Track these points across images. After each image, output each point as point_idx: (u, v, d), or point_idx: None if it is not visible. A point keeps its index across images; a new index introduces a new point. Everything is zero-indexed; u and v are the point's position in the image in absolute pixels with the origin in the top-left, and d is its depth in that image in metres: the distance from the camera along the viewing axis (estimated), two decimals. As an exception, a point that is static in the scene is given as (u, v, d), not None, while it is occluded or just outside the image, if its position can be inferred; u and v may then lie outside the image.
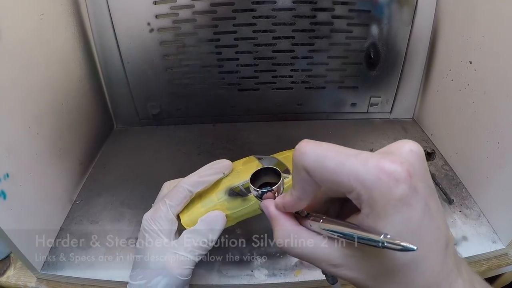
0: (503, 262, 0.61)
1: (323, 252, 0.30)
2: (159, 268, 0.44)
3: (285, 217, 0.34)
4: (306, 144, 0.29)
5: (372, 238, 0.25)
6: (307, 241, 0.31)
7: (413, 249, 0.23)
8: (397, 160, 0.25)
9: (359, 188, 0.26)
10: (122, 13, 0.77)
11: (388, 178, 0.25)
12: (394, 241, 0.23)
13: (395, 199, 0.25)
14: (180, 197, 0.48)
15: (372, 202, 0.25)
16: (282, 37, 0.80)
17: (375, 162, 0.25)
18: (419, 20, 0.79)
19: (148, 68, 0.84)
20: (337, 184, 0.27)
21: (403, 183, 0.25)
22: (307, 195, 0.31)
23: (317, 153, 0.28)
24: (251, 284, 0.57)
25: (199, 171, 0.51)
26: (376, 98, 0.90)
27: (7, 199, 0.51)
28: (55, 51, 0.68)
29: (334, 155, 0.27)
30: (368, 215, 0.26)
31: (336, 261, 0.29)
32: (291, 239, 0.32)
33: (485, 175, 0.65)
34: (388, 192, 0.25)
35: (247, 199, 0.51)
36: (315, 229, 0.31)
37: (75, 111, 0.74)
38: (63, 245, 0.63)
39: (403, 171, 0.25)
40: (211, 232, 0.48)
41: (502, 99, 0.59)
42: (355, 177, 0.26)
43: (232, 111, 0.92)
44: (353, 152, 0.27)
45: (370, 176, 0.25)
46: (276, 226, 0.34)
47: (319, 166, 0.27)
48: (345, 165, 0.26)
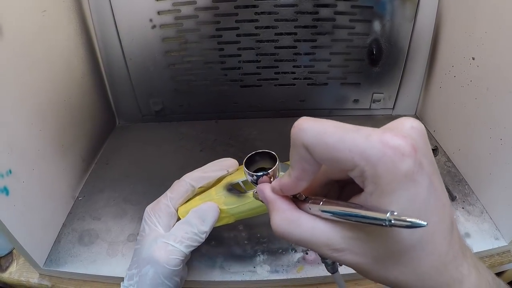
0: (506, 259, 0.61)
1: (324, 236, 0.28)
2: (148, 257, 0.45)
3: (282, 200, 0.32)
4: (304, 120, 0.27)
5: (378, 217, 0.23)
6: (306, 225, 0.29)
7: (423, 224, 0.21)
8: (400, 135, 0.24)
9: (362, 164, 0.24)
10: (124, 10, 0.77)
11: (394, 152, 0.23)
12: (402, 217, 0.22)
13: (401, 174, 0.23)
14: (181, 190, 0.49)
15: (377, 179, 0.24)
16: (284, 33, 0.80)
17: (379, 136, 0.24)
18: (421, 16, 0.79)
19: (150, 65, 0.84)
20: (339, 161, 0.25)
21: (408, 157, 0.23)
22: (307, 176, 0.29)
23: (317, 129, 0.26)
24: (253, 280, 0.57)
25: (203, 167, 0.52)
26: (378, 94, 0.90)
27: (9, 195, 0.51)
28: (58, 48, 0.68)
29: (335, 131, 0.25)
30: (372, 193, 0.25)
31: (338, 245, 0.27)
32: (289, 223, 0.30)
33: (488, 171, 0.65)
34: (393, 167, 0.23)
35: (245, 196, 0.50)
36: (315, 212, 0.29)
37: (78, 108, 0.74)
38: (65, 241, 0.63)
39: (407, 145, 0.23)
40: (202, 223, 0.47)
41: (505, 95, 0.59)
42: (358, 153, 0.24)
43: (235, 107, 0.92)
44: (354, 127, 0.25)
45: (375, 151, 0.23)
46: (273, 210, 0.32)
47: (319, 143, 0.26)
48: (346, 140, 0.24)
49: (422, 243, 0.25)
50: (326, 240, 0.28)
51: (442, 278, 0.27)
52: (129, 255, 0.60)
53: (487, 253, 0.61)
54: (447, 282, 0.27)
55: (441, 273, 0.27)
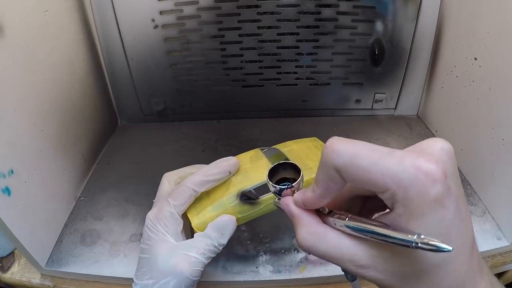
0: (508, 259, 0.61)
1: (349, 252, 0.29)
2: (169, 268, 0.44)
3: (308, 215, 0.32)
4: (337, 141, 0.27)
5: (405, 239, 0.24)
6: (332, 241, 0.29)
7: (449, 249, 0.22)
8: (433, 159, 0.24)
9: (394, 188, 0.25)
10: (126, 10, 0.77)
11: (426, 177, 0.24)
12: (429, 241, 0.22)
13: (431, 199, 0.24)
14: (184, 196, 0.48)
15: (407, 202, 0.25)
16: (286, 34, 0.80)
17: (412, 161, 0.24)
18: (423, 16, 0.79)
19: (152, 65, 0.84)
20: (371, 183, 0.26)
21: (439, 183, 0.24)
22: (331, 194, 0.29)
23: (350, 152, 0.26)
24: (256, 281, 0.57)
25: (204, 170, 0.50)
26: (380, 94, 0.90)
27: (11, 196, 0.51)
28: (59, 48, 0.68)
29: (368, 154, 0.26)
30: (401, 215, 0.25)
31: (363, 262, 0.28)
32: (315, 238, 0.30)
33: (490, 171, 0.65)
34: (424, 192, 0.24)
35: (258, 202, 0.50)
36: (340, 228, 0.30)
37: (80, 108, 0.74)
38: (67, 241, 0.63)
39: (439, 171, 0.24)
40: (221, 236, 0.47)
41: (508, 95, 0.59)
42: (391, 177, 0.25)
43: (237, 107, 0.92)
44: (387, 150, 0.26)
45: (407, 175, 0.24)
46: (299, 224, 0.32)
47: (352, 165, 0.26)
48: (380, 164, 0.25)
49: (445, 263, 0.26)
50: (351, 257, 0.28)
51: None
52: (131, 255, 0.60)
53: (489, 253, 0.61)
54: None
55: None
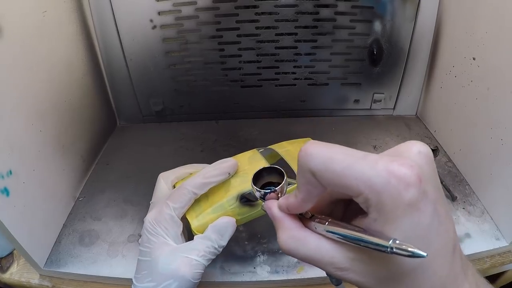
0: (507, 260, 0.61)
1: (328, 255, 0.29)
2: (170, 271, 0.44)
3: (289, 219, 0.33)
4: (312, 145, 0.27)
5: (380, 243, 0.24)
6: (312, 244, 0.30)
7: (423, 255, 0.22)
8: (407, 163, 0.24)
9: (367, 192, 0.25)
10: (125, 10, 0.77)
11: (398, 182, 0.24)
12: (403, 246, 0.23)
13: (405, 203, 0.24)
14: (184, 199, 0.48)
15: (381, 207, 0.25)
16: (285, 34, 0.80)
17: (385, 165, 0.24)
18: (422, 16, 0.79)
19: (151, 65, 0.84)
20: (345, 187, 0.26)
21: (413, 187, 0.24)
22: (312, 198, 0.30)
23: (324, 155, 0.27)
24: (253, 281, 0.57)
25: (203, 172, 0.50)
26: (379, 94, 0.90)
27: (10, 196, 0.51)
28: (58, 49, 0.68)
29: (342, 158, 0.26)
30: (376, 220, 0.25)
31: (342, 264, 0.28)
32: (295, 241, 0.31)
33: (489, 172, 0.65)
34: (397, 196, 0.24)
35: (257, 204, 0.50)
36: (320, 232, 0.30)
37: (78, 108, 0.74)
38: (66, 242, 0.63)
39: (413, 175, 0.24)
40: (221, 238, 0.47)
41: (506, 95, 0.59)
42: (363, 181, 0.25)
43: (235, 107, 0.92)
44: (361, 154, 0.26)
45: (380, 180, 0.24)
46: (280, 228, 0.33)
47: (326, 169, 0.26)
48: (353, 168, 0.25)
49: (423, 266, 0.26)
50: (330, 259, 0.29)
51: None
52: (130, 256, 0.60)
53: (488, 254, 0.61)
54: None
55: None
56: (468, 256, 0.59)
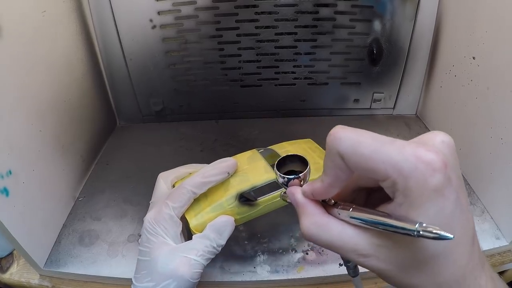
0: (507, 259, 0.61)
1: (351, 241, 0.29)
2: (169, 271, 0.44)
3: (313, 205, 0.33)
4: (341, 129, 0.28)
5: (407, 227, 0.24)
6: (335, 230, 0.30)
7: (450, 237, 0.22)
8: (433, 150, 0.25)
9: (395, 176, 0.25)
10: (124, 10, 0.77)
11: (426, 167, 0.24)
12: (430, 229, 0.23)
13: (431, 188, 0.24)
14: (184, 199, 0.47)
15: (407, 191, 0.25)
16: (284, 33, 0.80)
17: (412, 150, 0.25)
18: (422, 15, 0.79)
19: (150, 65, 0.84)
20: (372, 171, 0.26)
21: (439, 173, 0.24)
22: (339, 183, 0.30)
23: (353, 139, 0.27)
24: (253, 281, 0.57)
25: (203, 171, 0.50)
26: (379, 94, 0.90)
27: (9, 196, 0.51)
28: (58, 48, 0.68)
29: (370, 142, 0.26)
30: (401, 204, 0.26)
31: (365, 251, 0.28)
32: (318, 227, 0.31)
33: (489, 171, 0.65)
34: (424, 181, 0.24)
35: (256, 203, 0.50)
36: (344, 218, 0.30)
37: (78, 108, 0.74)
38: (66, 242, 0.63)
39: (439, 161, 0.24)
40: (220, 237, 0.47)
41: (506, 94, 0.59)
42: (391, 165, 0.25)
43: (235, 107, 0.92)
44: (388, 139, 0.26)
45: (408, 164, 0.24)
46: (303, 213, 0.33)
47: (355, 152, 0.26)
48: (381, 152, 0.25)
49: (445, 253, 0.26)
50: (354, 246, 0.29)
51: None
52: (130, 256, 0.60)
53: (488, 253, 0.61)
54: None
55: (460, 284, 0.28)
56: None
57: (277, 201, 0.51)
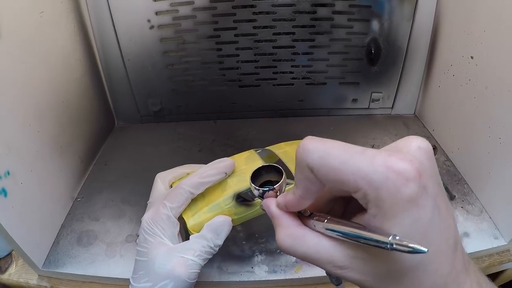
0: (505, 259, 0.61)
1: (327, 253, 0.28)
2: (166, 271, 0.44)
3: (288, 217, 0.32)
4: (310, 141, 0.27)
5: (380, 240, 0.23)
6: (310, 242, 0.29)
7: (423, 251, 0.22)
8: (406, 158, 0.24)
9: (365, 188, 0.24)
10: (122, 10, 0.77)
11: (397, 177, 0.23)
12: (403, 242, 0.22)
13: (404, 199, 0.23)
14: (181, 199, 0.47)
15: (379, 202, 0.24)
16: (282, 33, 0.80)
17: (383, 160, 0.24)
18: (420, 15, 0.79)
19: (148, 65, 0.84)
20: (342, 183, 0.25)
21: (412, 182, 0.23)
22: (311, 195, 0.29)
23: (322, 151, 0.26)
24: (251, 281, 0.57)
25: (200, 171, 0.50)
26: (377, 93, 0.90)
27: (8, 197, 0.51)
28: (56, 49, 0.68)
29: (339, 153, 0.25)
30: (375, 216, 0.25)
31: (341, 263, 0.28)
32: (294, 239, 0.30)
33: (487, 170, 0.65)
34: (396, 192, 0.23)
35: (253, 203, 0.50)
36: (319, 230, 0.30)
37: (76, 108, 0.74)
38: (64, 242, 0.63)
39: (412, 170, 0.23)
40: (217, 237, 0.47)
41: (504, 94, 0.59)
42: (361, 176, 0.24)
43: (233, 107, 0.92)
44: (359, 149, 0.25)
45: (378, 175, 0.24)
46: (278, 226, 0.32)
47: (324, 164, 0.26)
48: (350, 163, 0.25)
49: (424, 264, 0.26)
50: (329, 257, 0.28)
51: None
52: (128, 256, 0.60)
53: (486, 253, 0.61)
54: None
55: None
56: (466, 255, 0.59)
57: None
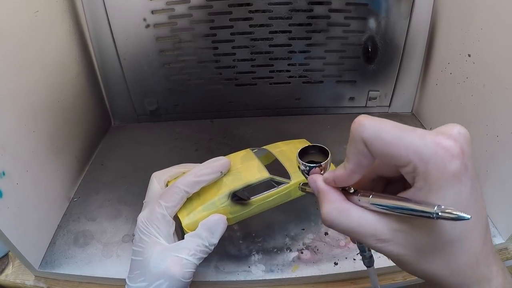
0: (503, 257, 0.61)
1: (371, 226, 0.30)
2: (161, 271, 0.44)
3: (334, 191, 0.34)
4: (364, 117, 0.29)
5: (426, 210, 0.25)
6: (355, 216, 0.31)
7: (467, 217, 0.23)
8: (452, 137, 0.26)
9: (416, 161, 0.26)
10: (118, 9, 0.76)
11: (445, 153, 0.26)
12: (448, 210, 0.24)
13: (449, 173, 0.26)
14: (176, 198, 0.47)
15: (427, 176, 0.26)
16: (279, 31, 0.80)
17: (432, 137, 0.26)
18: (417, 13, 0.78)
19: (144, 64, 0.84)
20: (395, 156, 0.27)
21: (457, 159, 0.26)
22: (361, 169, 0.31)
23: (376, 126, 0.28)
24: (248, 280, 0.57)
25: (196, 170, 0.50)
26: (374, 92, 0.90)
27: (3, 197, 0.51)
28: (51, 48, 0.68)
29: (392, 129, 0.28)
30: (421, 189, 0.27)
31: (384, 236, 0.29)
32: (339, 213, 0.32)
33: (485, 168, 0.64)
34: (443, 166, 0.26)
35: (249, 203, 0.50)
36: (364, 204, 0.31)
37: (72, 108, 0.74)
38: (60, 243, 0.63)
39: (457, 148, 0.26)
40: (212, 236, 0.47)
41: (502, 92, 0.59)
42: (413, 150, 0.26)
43: (230, 106, 0.92)
44: (410, 127, 0.28)
45: (428, 150, 0.26)
46: (324, 200, 0.34)
47: (378, 138, 0.28)
48: (403, 138, 0.27)
49: (461, 239, 0.28)
50: (373, 231, 0.30)
51: (474, 275, 0.29)
52: (124, 256, 0.60)
53: (483, 251, 0.61)
54: (478, 279, 0.29)
55: (473, 270, 0.29)
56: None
57: (270, 201, 0.52)
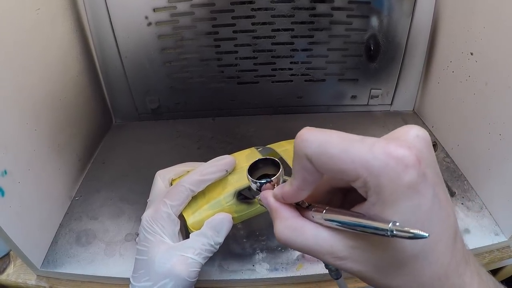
0: (506, 255, 0.61)
1: (326, 244, 0.28)
2: (166, 270, 0.43)
3: (286, 209, 0.32)
4: (307, 131, 0.27)
5: (380, 227, 0.23)
6: (309, 233, 0.29)
7: (424, 236, 0.21)
8: (405, 145, 0.24)
9: (365, 175, 0.24)
10: (120, 7, 0.76)
11: (397, 163, 0.23)
12: (404, 228, 0.22)
13: (404, 185, 0.23)
14: (181, 197, 0.47)
15: (379, 189, 0.24)
16: (281, 30, 0.80)
17: (382, 147, 0.24)
18: (419, 11, 0.78)
19: (146, 62, 0.83)
20: (342, 172, 0.25)
21: (412, 168, 0.23)
22: (308, 185, 0.29)
23: (320, 140, 0.26)
24: (252, 279, 0.56)
25: (201, 169, 0.49)
26: (376, 90, 0.90)
27: (5, 196, 0.51)
28: (52, 46, 0.67)
29: (338, 141, 0.25)
30: (375, 204, 0.25)
31: (341, 253, 0.27)
32: (292, 231, 0.30)
33: (487, 167, 0.64)
34: (396, 178, 0.23)
35: (254, 201, 0.50)
36: (318, 221, 0.29)
37: (73, 107, 0.74)
38: (63, 242, 0.62)
39: (411, 156, 0.23)
40: (217, 234, 0.47)
41: (504, 90, 0.58)
42: (361, 164, 0.24)
43: (232, 104, 0.92)
44: (357, 137, 0.25)
45: (377, 162, 0.23)
46: (276, 218, 0.32)
47: (323, 153, 0.25)
48: (350, 151, 0.24)
49: (424, 253, 0.25)
50: (329, 248, 0.28)
51: (444, 287, 0.27)
52: (127, 255, 0.60)
53: (486, 249, 0.61)
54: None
55: (442, 283, 0.27)
56: (467, 251, 0.59)
57: None
